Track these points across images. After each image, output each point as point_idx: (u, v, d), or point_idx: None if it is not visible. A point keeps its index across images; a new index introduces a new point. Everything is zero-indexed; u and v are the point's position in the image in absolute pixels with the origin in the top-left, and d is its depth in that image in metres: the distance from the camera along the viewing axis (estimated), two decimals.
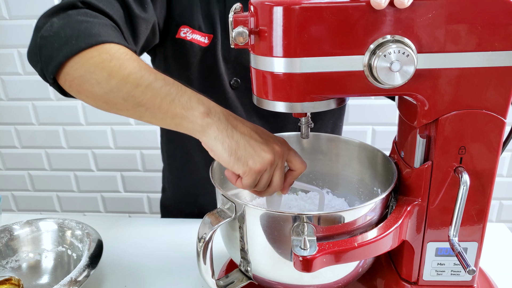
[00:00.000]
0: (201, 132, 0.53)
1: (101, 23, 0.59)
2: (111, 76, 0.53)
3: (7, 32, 1.60)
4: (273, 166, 0.55)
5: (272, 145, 0.54)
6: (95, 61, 0.54)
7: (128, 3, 0.67)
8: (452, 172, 0.53)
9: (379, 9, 0.44)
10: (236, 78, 0.83)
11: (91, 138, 1.75)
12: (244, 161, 0.53)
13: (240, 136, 0.53)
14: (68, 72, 0.56)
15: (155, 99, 0.53)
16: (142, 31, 0.70)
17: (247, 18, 0.50)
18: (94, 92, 0.55)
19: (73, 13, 0.59)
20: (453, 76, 0.48)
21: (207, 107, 0.53)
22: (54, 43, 0.56)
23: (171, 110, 0.53)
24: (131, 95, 0.53)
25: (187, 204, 0.97)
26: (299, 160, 0.58)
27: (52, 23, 0.58)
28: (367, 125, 1.64)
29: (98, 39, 0.56)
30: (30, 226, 0.76)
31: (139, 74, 0.53)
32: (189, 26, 0.78)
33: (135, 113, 0.55)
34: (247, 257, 0.58)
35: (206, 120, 0.52)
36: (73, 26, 0.57)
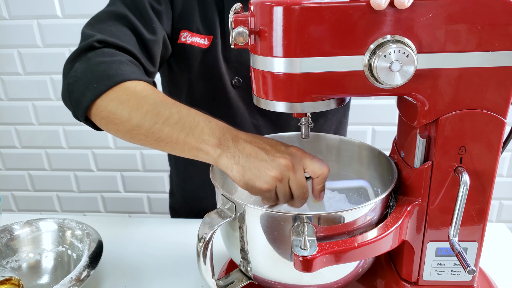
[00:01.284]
0: (216, 162, 0.56)
1: (117, 61, 0.64)
2: (130, 116, 0.58)
3: (7, 32, 1.60)
4: (284, 181, 0.54)
5: (278, 161, 0.54)
6: (115, 103, 0.59)
7: (138, 29, 0.71)
8: (452, 172, 0.53)
9: (379, 9, 0.44)
10: (237, 77, 0.84)
11: (91, 138, 1.75)
12: (252, 184, 0.54)
13: (246, 160, 0.54)
14: (95, 113, 0.62)
15: (172, 135, 0.57)
16: (156, 52, 0.74)
17: (247, 18, 0.50)
18: (119, 130, 0.61)
19: (92, 55, 0.64)
20: (453, 76, 0.48)
21: (217, 138, 0.56)
22: (79, 88, 0.62)
23: (187, 143, 0.56)
24: (151, 132, 0.58)
25: (195, 206, 0.98)
26: (317, 165, 0.56)
27: (76, 68, 0.64)
28: (367, 125, 1.64)
29: (115, 79, 0.61)
30: (30, 226, 0.76)
31: (155, 111, 0.58)
32: (188, 30, 0.79)
33: (158, 147, 0.59)
34: (247, 257, 0.58)
35: (217, 151, 0.55)
36: (93, 69, 0.62)
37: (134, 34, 0.71)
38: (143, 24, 0.72)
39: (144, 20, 0.72)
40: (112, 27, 0.69)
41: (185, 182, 0.99)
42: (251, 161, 0.54)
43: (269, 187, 0.54)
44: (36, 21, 1.58)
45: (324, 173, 0.56)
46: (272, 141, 0.57)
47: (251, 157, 0.54)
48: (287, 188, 0.55)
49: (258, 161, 0.54)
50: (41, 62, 1.63)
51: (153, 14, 0.73)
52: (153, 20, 0.73)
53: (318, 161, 0.56)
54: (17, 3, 1.55)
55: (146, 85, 0.62)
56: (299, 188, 0.55)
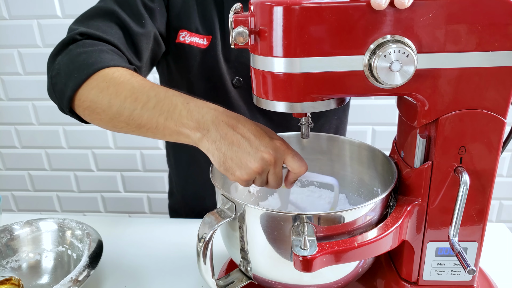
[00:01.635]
0: (197, 144, 0.56)
1: (97, 50, 0.64)
2: (111, 104, 0.58)
3: (7, 32, 1.60)
4: (263, 173, 0.55)
5: (262, 154, 0.53)
6: (95, 91, 0.59)
7: (126, 23, 0.70)
8: (452, 172, 0.53)
9: (379, 9, 0.44)
10: (238, 77, 0.84)
11: (91, 138, 1.75)
12: (232, 172, 0.54)
13: (228, 147, 0.53)
14: (78, 104, 0.61)
15: (152, 119, 0.56)
16: (144, 47, 0.73)
17: (247, 18, 0.50)
18: (102, 119, 0.60)
19: (73, 47, 0.64)
20: (453, 76, 0.48)
21: (196, 121, 0.55)
22: (61, 79, 0.62)
23: (167, 127, 0.56)
24: (131, 118, 0.57)
25: (196, 206, 0.98)
26: (297, 163, 0.56)
27: (58, 61, 0.64)
28: (367, 125, 1.64)
29: (94, 67, 0.60)
30: (30, 226, 0.76)
31: (133, 96, 0.57)
32: (186, 29, 0.79)
33: (140, 133, 0.59)
34: (247, 257, 0.58)
35: (197, 134, 0.55)
36: (74, 60, 0.62)
37: (121, 29, 0.70)
38: (132, 18, 0.71)
39: (134, 15, 0.72)
40: (100, 23, 0.69)
41: (185, 182, 0.99)
42: (233, 150, 0.53)
43: (249, 178, 0.54)
44: (36, 21, 1.58)
45: (302, 172, 0.57)
46: (257, 129, 0.55)
47: (233, 146, 0.53)
48: (265, 179, 0.56)
49: (240, 152, 0.53)
50: (41, 62, 1.63)
51: (144, 10, 0.73)
52: (143, 16, 0.72)
53: (299, 159, 0.56)
54: (17, 3, 1.55)
55: (125, 70, 0.62)
56: (275, 180, 0.56)
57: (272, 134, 0.57)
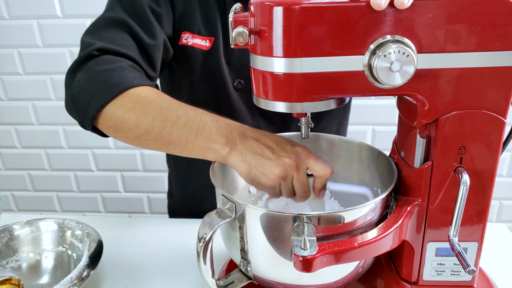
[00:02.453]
0: (225, 160, 0.57)
1: (118, 67, 0.64)
2: (138, 123, 0.59)
3: (7, 32, 1.60)
4: (287, 179, 0.56)
5: (283, 160, 0.55)
6: (122, 111, 0.60)
7: (138, 34, 0.71)
8: (452, 172, 0.53)
9: (379, 10, 0.44)
10: (239, 79, 0.83)
11: (91, 138, 1.75)
12: (258, 181, 0.56)
13: (252, 157, 0.56)
14: (102, 122, 0.62)
15: (181, 137, 0.58)
16: (157, 56, 0.74)
17: (247, 18, 0.50)
18: (128, 137, 0.61)
19: (92, 64, 0.64)
20: (453, 76, 0.48)
21: (225, 136, 0.57)
22: (83, 99, 0.62)
23: (196, 144, 0.58)
24: (160, 137, 0.59)
25: (195, 207, 0.98)
26: (320, 166, 0.57)
27: (78, 79, 0.64)
28: (367, 125, 1.64)
29: (119, 88, 0.61)
30: (30, 226, 0.76)
31: (162, 116, 0.58)
32: (189, 31, 0.78)
33: (167, 150, 0.60)
34: (247, 257, 0.58)
35: (226, 149, 0.57)
36: (95, 79, 0.63)
37: (134, 40, 0.71)
38: (142, 29, 0.71)
39: (144, 24, 0.72)
40: (112, 34, 0.69)
41: (185, 183, 0.99)
42: (257, 159, 0.56)
43: (273, 184, 0.56)
44: (36, 21, 1.57)
45: (327, 174, 0.58)
46: (279, 139, 0.58)
47: (257, 155, 0.56)
48: (290, 186, 0.57)
49: (263, 159, 0.56)
50: (41, 62, 1.63)
51: (153, 18, 0.73)
52: (153, 24, 0.72)
53: (321, 161, 0.58)
54: (17, 3, 1.55)
55: (150, 90, 0.63)
56: (301, 187, 0.57)
57: (293, 142, 0.59)
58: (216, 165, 0.63)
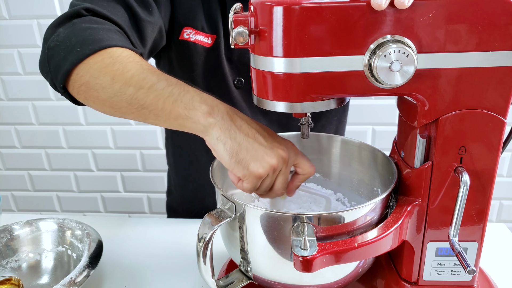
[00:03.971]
0: (204, 132, 0.52)
1: (105, 28, 0.60)
2: (114, 80, 0.54)
3: (7, 32, 1.60)
4: (276, 172, 0.54)
5: (277, 150, 0.53)
6: (99, 66, 0.55)
7: (133, 8, 0.68)
8: (452, 172, 0.53)
9: (380, 10, 0.44)
10: (239, 77, 0.84)
11: (91, 138, 1.75)
12: (245, 165, 0.52)
13: (243, 138, 0.52)
14: (75, 79, 0.57)
15: (158, 101, 0.53)
16: (149, 34, 0.71)
17: (247, 18, 0.50)
18: (99, 97, 0.56)
19: (78, 21, 0.60)
20: (453, 76, 0.48)
21: (210, 106, 0.52)
22: (60, 52, 0.58)
23: (174, 110, 0.52)
24: (135, 98, 0.53)
25: (195, 205, 0.98)
26: (307, 164, 0.57)
27: (59, 33, 0.60)
28: (367, 125, 1.64)
29: (101, 44, 0.57)
30: (30, 226, 0.76)
31: (141, 76, 0.54)
32: (192, 27, 0.78)
33: (140, 116, 0.55)
34: (247, 257, 0.58)
35: (209, 120, 0.52)
36: (78, 34, 0.58)
37: (127, 12, 0.67)
38: (140, 5, 0.69)
39: (143, 3, 0.70)
40: (105, 2, 0.66)
41: (185, 181, 0.99)
42: (249, 142, 0.52)
43: (263, 173, 0.52)
44: (36, 21, 1.57)
45: (311, 173, 0.58)
46: (268, 128, 0.56)
47: (249, 138, 0.52)
48: (274, 180, 0.55)
49: (257, 144, 0.52)
50: None
51: (153, 1, 0.71)
52: (151, 5, 0.71)
53: (308, 160, 0.57)
54: (17, 3, 1.55)
55: (134, 53, 0.59)
56: (282, 182, 0.55)
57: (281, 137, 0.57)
58: (216, 165, 0.63)
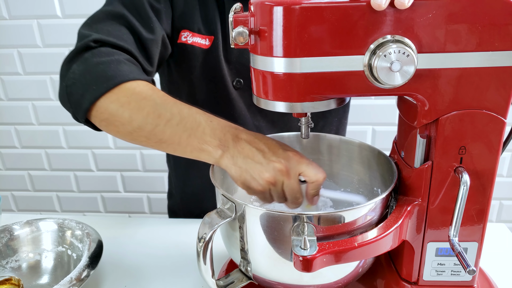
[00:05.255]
0: (217, 162, 0.57)
1: (115, 60, 0.63)
2: (132, 119, 0.58)
3: (7, 32, 1.60)
4: (277, 185, 0.55)
5: (273, 164, 0.54)
6: (115, 105, 0.59)
7: (135, 28, 0.70)
8: (452, 172, 0.53)
9: (380, 10, 0.44)
10: (238, 78, 0.83)
11: (91, 138, 1.75)
12: (248, 184, 0.55)
13: (243, 161, 0.55)
14: (95, 115, 0.61)
15: (174, 136, 0.57)
16: (154, 51, 0.73)
17: (247, 18, 0.50)
18: (120, 132, 0.61)
19: (89, 56, 0.63)
20: (453, 76, 0.48)
21: (218, 139, 0.56)
22: (78, 90, 0.62)
23: (189, 145, 0.57)
24: (153, 134, 0.58)
25: (195, 208, 0.98)
26: (312, 171, 0.55)
27: (73, 70, 0.63)
28: (367, 125, 1.64)
29: (115, 81, 0.60)
30: (30, 226, 0.76)
31: (156, 113, 0.58)
32: (188, 30, 0.78)
33: (160, 148, 0.60)
34: (247, 257, 0.58)
35: (219, 152, 0.56)
36: (91, 71, 0.62)
37: (131, 33, 0.70)
38: (141, 23, 0.71)
39: (143, 19, 0.71)
40: (109, 27, 0.69)
41: (185, 184, 0.99)
42: (248, 162, 0.55)
43: (263, 189, 0.55)
44: (36, 21, 1.57)
45: (319, 180, 0.56)
46: (272, 143, 0.57)
47: (248, 159, 0.55)
48: (281, 191, 0.56)
49: (254, 163, 0.55)
50: (41, 62, 1.63)
51: (152, 13, 0.72)
52: (151, 19, 0.72)
53: (314, 167, 0.56)
54: (17, 3, 1.55)
55: (146, 85, 0.62)
56: (291, 193, 0.56)
57: (286, 147, 0.57)
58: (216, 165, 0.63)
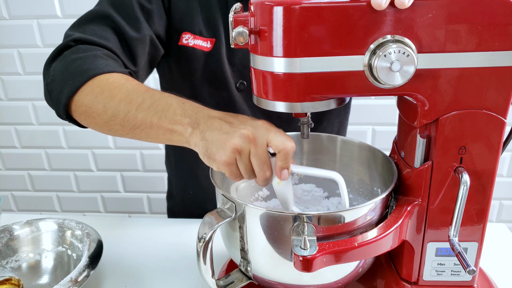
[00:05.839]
0: (187, 143, 0.55)
1: (91, 55, 0.65)
2: (106, 107, 0.59)
3: (7, 32, 1.60)
4: (244, 153, 0.51)
5: (240, 131, 0.51)
6: (90, 96, 0.61)
7: (120, 27, 0.71)
8: (452, 172, 0.53)
9: (380, 9, 0.44)
10: (242, 80, 0.83)
11: (91, 138, 1.75)
12: (213, 157, 0.52)
13: (210, 133, 0.52)
14: (75, 109, 0.63)
15: (146, 120, 0.56)
16: (139, 51, 0.73)
17: (247, 18, 0.50)
18: (97, 123, 0.62)
19: (67, 53, 0.66)
20: (453, 76, 0.48)
21: (189, 117, 0.54)
22: (57, 86, 0.63)
23: (161, 126, 0.56)
24: (126, 120, 0.58)
25: (196, 210, 0.97)
26: (280, 139, 0.51)
27: (53, 68, 0.65)
28: (367, 125, 1.64)
29: (89, 74, 0.62)
30: (30, 226, 0.76)
31: (128, 99, 0.58)
32: (190, 32, 0.78)
33: (135, 135, 0.59)
34: (247, 257, 0.58)
35: (189, 130, 0.54)
36: (68, 67, 0.64)
37: (116, 33, 0.71)
38: (127, 22, 0.72)
39: (130, 18, 0.72)
40: (95, 27, 0.70)
41: (186, 184, 0.98)
42: (215, 134, 0.52)
43: (228, 159, 0.51)
44: (36, 21, 1.57)
45: (287, 148, 0.51)
46: (243, 117, 0.55)
47: (215, 130, 0.52)
48: (248, 162, 0.52)
49: (221, 134, 0.52)
50: (41, 62, 1.61)
51: (140, 13, 0.73)
52: (139, 19, 0.73)
53: (282, 135, 0.52)
54: (17, 3, 1.55)
55: (120, 76, 0.63)
56: (259, 163, 0.52)
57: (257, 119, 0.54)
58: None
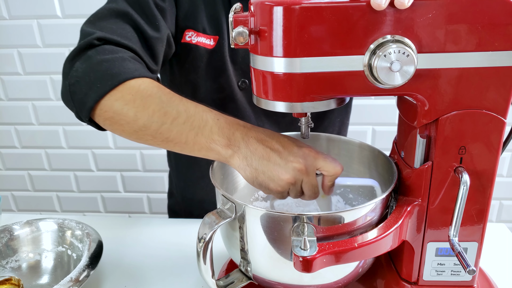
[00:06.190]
0: (227, 161, 0.56)
1: (119, 58, 0.62)
2: (137, 117, 0.57)
3: (7, 32, 1.60)
4: (297, 184, 0.55)
5: (291, 164, 0.54)
6: (120, 103, 0.58)
7: (140, 26, 0.69)
8: (452, 172, 0.53)
9: (380, 10, 0.44)
10: (244, 79, 0.83)
11: (91, 138, 1.75)
12: (265, 186, 0.55)
13: (259, 162, 0.54)
14: (100, 114, 0.60)
15: (181, 135, 0.56)
16: (159, 50, 0.72)
17: (247, 18, 0.50)
18: (125, 130, 0.59)
19: (93, 53, 0.62)
20: (453, 76, 0.48)
21: (227, 138, 0.55)
22: (82, 89, 0.60)
23: (197, 143, 0.56)
24: (159, 133, 0.57)
25: (196, 208, 0.98)
26: (330, 165, 0.56)
27: (76, 68, 0.62)
28: (367, 125, 1.64)
29: (119, 78, 0.59)
30: (30, 226, 0.76)
31: (162, 111, 0.56)
32: (193, 29, 0.78)
33: (166, 146, 0.58)
34: (247, 257, 0.58)
35: (228, 151, 0.55)
36: (95, 69, 0.60)
37: (136, 32, 0.69)
38: (146, 21, 0.70)
39: (147, 17, 0.70)
40: (113, 25, 0.67)
41: (186, 184, 0.98)
42: (264, 164, 0.54)
43: (282, 190, 0.55)
44: (36, 21, 1.57)
45: (338, 172, 0.57)
46: (284, 141, 0.56)
47: (263, 160, 0.54)
48: (299, 189, 0.56)
49: (271, 165, 0.54)
50: (41, 62, 1.63)
51: (157, 11, 0.71)
52: (156, 17, 0.71)
53: (331, 161, 0.56)
54: (17, 3, 1.55)
55: (151, 82, 0.60)
56: (310, 189, 0.56)
57: (299, 143, 0.57)
58: (216, 165, 0.63)
